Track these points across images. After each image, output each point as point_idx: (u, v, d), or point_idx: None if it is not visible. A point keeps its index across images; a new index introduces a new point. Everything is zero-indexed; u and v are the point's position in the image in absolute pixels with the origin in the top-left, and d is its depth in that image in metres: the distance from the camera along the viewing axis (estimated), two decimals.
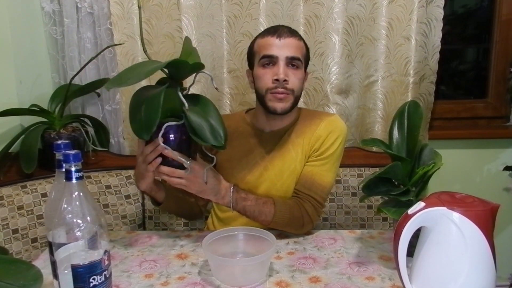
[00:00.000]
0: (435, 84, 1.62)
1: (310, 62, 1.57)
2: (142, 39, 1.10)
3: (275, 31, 1.13)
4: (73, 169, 0.72)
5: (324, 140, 1.17)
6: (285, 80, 1.10)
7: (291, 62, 1.12)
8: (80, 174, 0.73)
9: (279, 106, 1.13)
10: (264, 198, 1.13)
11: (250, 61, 1.20)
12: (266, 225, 1.11)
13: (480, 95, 1.85)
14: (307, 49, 1.19)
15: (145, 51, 1.07)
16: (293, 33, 1.15)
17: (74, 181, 0.73)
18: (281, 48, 1.11)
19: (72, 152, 0.73)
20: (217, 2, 1.55)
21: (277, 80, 1.10)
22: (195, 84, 1.59)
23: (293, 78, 1.12)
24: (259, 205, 1.11)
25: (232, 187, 1.11)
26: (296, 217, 1.12)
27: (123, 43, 1.55)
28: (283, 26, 1.17)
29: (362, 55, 1.61)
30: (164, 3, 1.55)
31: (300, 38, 1.16)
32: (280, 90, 1.11)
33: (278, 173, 1.18)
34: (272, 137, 1.21)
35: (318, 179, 1.15)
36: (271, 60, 1.12)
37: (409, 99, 1.57)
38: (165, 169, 1.02)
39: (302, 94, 1.60)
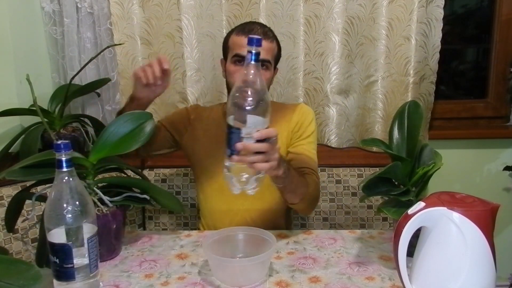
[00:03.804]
0: (435, 84, 1.61)
1: (310, 62, 1.59)
2: None
3: (249, 31, 1.14)
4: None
5: (302, 123, 1.24)
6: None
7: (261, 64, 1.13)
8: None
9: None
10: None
11: (225, 53, 1.23)
12: (298, 200, 1.09)
13: (480, 95, 1.85)
14: (279, 48, 1.23)
15: None
16: (266, 34, 1.15)
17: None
18: None
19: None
20: (217, 2, 1.55)
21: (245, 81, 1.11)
22: (194, 84, 1.61)
23: None
24: (298, 174, 1.09)
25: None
26: (318, 189, 1.17)
27: (123, 43, 1.55)
28: (258, 25, 1.19)
29: (362, 55, 1.61)
30: (164, 3, 1.55)
31: (273, 39, 1.18)
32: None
33: None
34: None
35: (312, 156, 1.22)
36: (242, 60, 1.13)
37: (409, 99, 1.57)
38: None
39: (302, 94, 1.62)
